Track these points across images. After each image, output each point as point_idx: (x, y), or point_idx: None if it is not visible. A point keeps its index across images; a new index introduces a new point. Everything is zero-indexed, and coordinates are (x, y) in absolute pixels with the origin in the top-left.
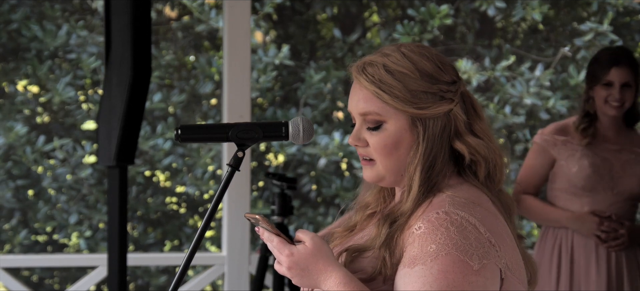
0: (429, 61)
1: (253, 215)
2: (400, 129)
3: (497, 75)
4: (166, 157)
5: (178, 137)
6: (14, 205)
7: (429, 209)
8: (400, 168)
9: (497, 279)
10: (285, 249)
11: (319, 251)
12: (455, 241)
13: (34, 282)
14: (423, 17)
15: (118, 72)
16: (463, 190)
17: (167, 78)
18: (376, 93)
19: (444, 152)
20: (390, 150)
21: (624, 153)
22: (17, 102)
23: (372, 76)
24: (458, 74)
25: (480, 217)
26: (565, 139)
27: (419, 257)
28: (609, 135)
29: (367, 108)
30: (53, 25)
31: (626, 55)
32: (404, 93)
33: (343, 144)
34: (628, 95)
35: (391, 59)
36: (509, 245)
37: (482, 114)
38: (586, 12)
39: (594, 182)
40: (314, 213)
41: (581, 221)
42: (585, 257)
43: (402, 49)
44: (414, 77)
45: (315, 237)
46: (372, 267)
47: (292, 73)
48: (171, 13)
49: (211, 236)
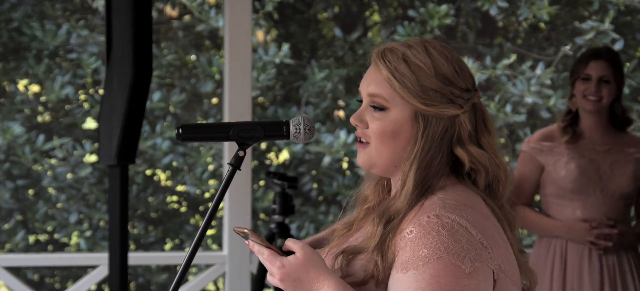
0: (448, 62)
1: (242, 229)
2: (401, 120)
3: (498, 74)
4: (166, 156)
5: (179, 136)
6: (12, 206)
7: (420, 212)
8: (394, 159)
9: (489, 281)
10: (277, 261)
11: (309, 261)
12: (446, 245)
13: (35, 281)
14: (423, 17)
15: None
16: (455, 192)
17: (168, 78)
18: (388, 79)
19: (442, 155)
20: (388, 137)
21: (613, 154)
22: (17, 102)
23: (389, 62)
24: (475, 84)
25: (472, 219)
26: (551, 145)
27: (411, 262)
28: (596, 137)
29: (376, 91)
30: (53, 25)
31: (606, 51)
32: (415, 86)
33: (346, 143)
34: (606, 90)
35: (413, 51)
36: (502, 246)
37: (492, 129)
38: (587, 11)
39: (583, 185)
40: (315, 212)
41: (573, 230)
42: (578, 262)
43: (426, 44)
44: (429, 74)
45: (306, 246)
46: (364, 271)
47: (293, 72)
48: (172, 12)
49: (212, 235)
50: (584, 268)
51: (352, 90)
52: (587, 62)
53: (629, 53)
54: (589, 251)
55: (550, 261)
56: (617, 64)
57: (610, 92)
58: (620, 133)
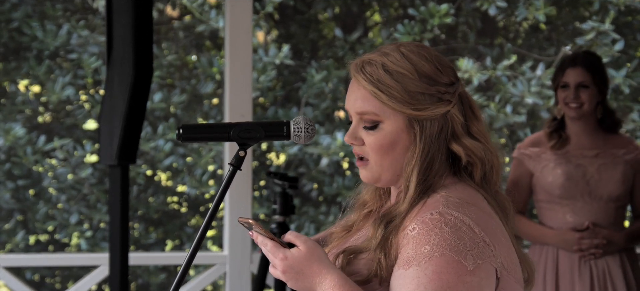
0: (428, 62)
1: (246, 220)
2: (397, 129)
3: (498, 75)
4: (167, 158)
5: (180, 136)
6: (13, 206)
7: (423, 210)
8: (397, 169)
9: (492, 279)
10: (280, 253)
11: (312, 255)
12: (449, 242)
13: (36, 281)
14: (423, 16)
15: (120, 71)
16: (457, 190)
17: (169, 78)
18: (374, 93)
19: (441, 154)
20: (386, 150)
21: (601, 157)
22: (18, 102)
23: (371, 75)
24: (456, 75)
25: (475, 216)
26: (538, 151)
27: (413, 258)
28: (583, 141)
29: (365, 108)
30: (54, 25)
31: (584, 56)
32: (402, 94)
33: (344, 143)
34: (585, 95)
35: (390, 58)
36: (505, 245)
37: (479, 115)
38: (588, 11)
39: (570, 190)
40: (315, 213)
41: (563, 239)
42: (570, 268)
43: (401, 49)
44: (412, 78)
45: (309, 240)
46: (367, 269)
47: (294, 72)
48: (173, 13)
49: (213, 236)
50: (575, 273)
51: None
52: (564, 69)
53: (629, 53)
54: (579, 258)
55: (542, 266)
56: (595, 68)
57: (590, 97)
58: (610, 135)
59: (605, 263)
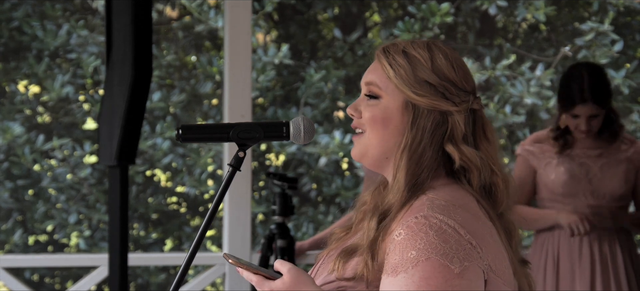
0: (447, 60)
1: (231, 256)
2: (392, 107)
3: (497, 75)
4: (166, 157)
5: (179, 136)
6: (12, 206)
7: (408, 214)
8: (384, 149)
9: (480, 280)
10: (265, 285)
11: (297, 281)
12: (435, 246)
13: (35, 282)
14: (424, 14)
15: (119, 71)
16: (446, 192)
17: (168, 78)
18: (384, 68)
19: (433, 149)
20: (377, 123)
21: (604, 156)
22: (17, 102)
23: (389, 53)
24: (474, 90)
25: (461, 219)
26: (542, 148)
27: (400, 265)
28: (587, 142)
29: (371, 78)
30: (53, 25)
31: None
32: (408, 76)
33: (343, 143)
34: (595, 122)
35: (414, 45)
36: (492, 246)
37: (492, 139)
38: (587, 12)
39: (572, 187)
40: (315, 213)
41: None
42: (570, 263)
43: (430, 42)
44: (425, 66)
45: (293, 268)
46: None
47: (293, 73)
48: (172, 13)
49: (212, 236)
50: (575, 267)
51: (352, 91)
52: (574, 104)
53: (628, 54)
54: (580, 248)
55: (543, 261)
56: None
57: (599, 121)
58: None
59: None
